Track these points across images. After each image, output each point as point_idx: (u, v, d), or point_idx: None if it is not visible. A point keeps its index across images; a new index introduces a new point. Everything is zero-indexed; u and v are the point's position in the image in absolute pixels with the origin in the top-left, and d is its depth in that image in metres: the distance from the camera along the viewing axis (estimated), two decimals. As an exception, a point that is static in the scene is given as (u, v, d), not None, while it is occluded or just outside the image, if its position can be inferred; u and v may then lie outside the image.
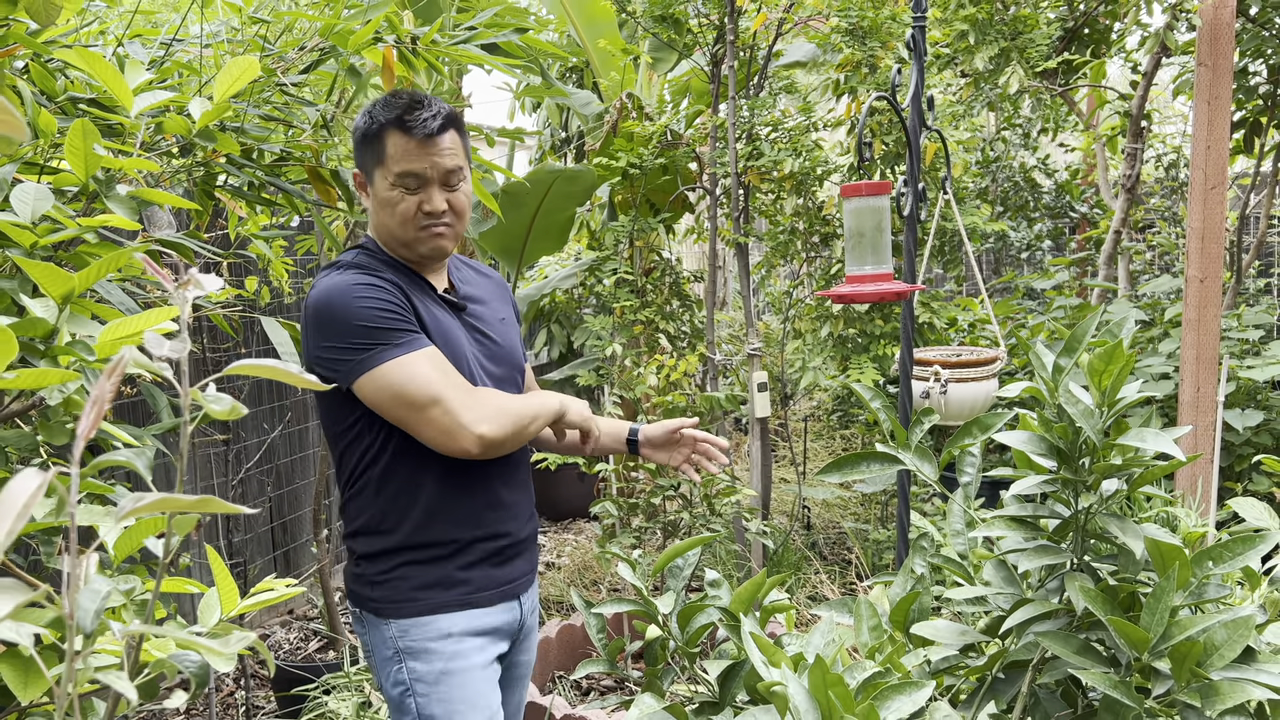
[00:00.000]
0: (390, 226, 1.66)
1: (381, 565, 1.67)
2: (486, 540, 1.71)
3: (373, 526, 1.68)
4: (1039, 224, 6.55)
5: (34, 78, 1.51)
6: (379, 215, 1.68)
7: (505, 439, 1.59)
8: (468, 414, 1.54)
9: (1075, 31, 4.84)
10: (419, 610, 1.65)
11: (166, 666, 0.67)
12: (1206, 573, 1.16)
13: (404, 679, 1.66)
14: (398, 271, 1.68)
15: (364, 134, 1.65)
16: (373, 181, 1.66)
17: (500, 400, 1.62)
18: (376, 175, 1.65)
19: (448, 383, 1.55)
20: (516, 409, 1.62)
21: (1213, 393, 3.65)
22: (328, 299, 1.58)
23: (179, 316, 0.72)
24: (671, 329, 4.16)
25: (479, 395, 1.59)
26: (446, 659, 1.65)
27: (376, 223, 1.70)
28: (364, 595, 1.70)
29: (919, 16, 2.16)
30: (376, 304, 1.56)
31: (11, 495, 0.42)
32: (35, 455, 1.16)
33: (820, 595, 3.90)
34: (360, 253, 1.70)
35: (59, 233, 1.18)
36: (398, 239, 1.68)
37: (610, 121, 4.35)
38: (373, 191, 1.67)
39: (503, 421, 1.58)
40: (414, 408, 1.54)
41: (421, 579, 1.66)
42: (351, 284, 1.58)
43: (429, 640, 1.65)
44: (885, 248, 2.03)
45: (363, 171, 1.69)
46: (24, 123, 0.48)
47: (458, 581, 1.68)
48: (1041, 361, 1.24)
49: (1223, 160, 3.56)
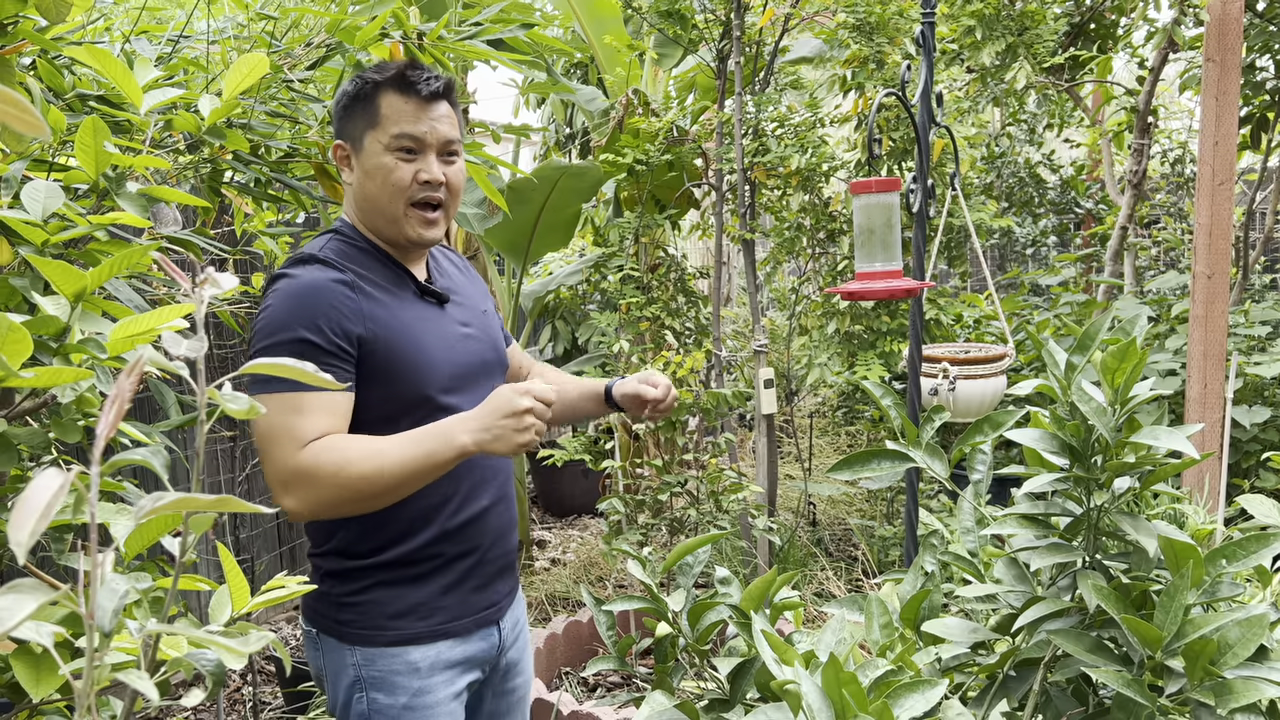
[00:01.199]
0: (379, 200, 1.53)
1: (351, 585, 1.54)
2: (466, 556, 1.60)
3: (346, 545, 1.55)
4: (1044, 220, 6.54)
5: (41, 74, 1.51)
6: (365, 187, 1.53)
7: (316, 508, 1.41)
8: (284, 474, 1.40)
9: (1082, 27, 4.83)
10: (389, 640, 1.53)
11: (184, 665, 0.66)
12: (1220, 571, 1.16)
13: (364, 709, 1.53)
14: (373, 262, 1.55)
15: (353, 96, 1.53)
16: (361, 148, 1.52)
17: (329, 463, 1.39)
18: (367, 140, 1.51)
19: (290, 436, 1.39)
20: (348, 475, 1.38)
21: (1220, 389, 3.64)
22: (282, 300, 1.46)
23: (190, 315, 0.72)
24: (677, 325, 4.16)
25: (313, 457, 1.39)
26: (411, 694, 1.53)
27: (360, 198, 1.55)
28: (327, 616, 1.56)
29: (928, 12, 2.15)
30: (315, 331, 1.43)
31: (34, 495, 0.42)
32: (47, 453, 1.16)
33: (826, 592, 3.90)
34: (334, 239, 1.56)
35: (69, 230, 1.18)
36: (384, 215, 1.54)
37: (616, 118, 4.34)
38: (359, 161, 1.53)
39: (312, 492, 1.39)
40: (258, 451, 1.44)
41: (396, 606, 1.53)
42: (310, 295, 1.45)
43: (395, 674, 1.53)
44: (895, 244, 2.02)
45: (347, 141, 1.55)
46: (43, 121, 0.48)
47: (434, 609, 1.56)
48: (1054, 359, 1.23)
49: (1231, 156, 3.55)
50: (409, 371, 1.51)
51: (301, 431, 1.40)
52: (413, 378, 1.52)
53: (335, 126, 1.58)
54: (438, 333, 1.58)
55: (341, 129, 1.56)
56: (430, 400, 1.53)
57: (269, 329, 1.45)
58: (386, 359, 1.49)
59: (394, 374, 1.50)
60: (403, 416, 1.50)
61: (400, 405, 1.51)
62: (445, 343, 1.58)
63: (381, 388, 1.50)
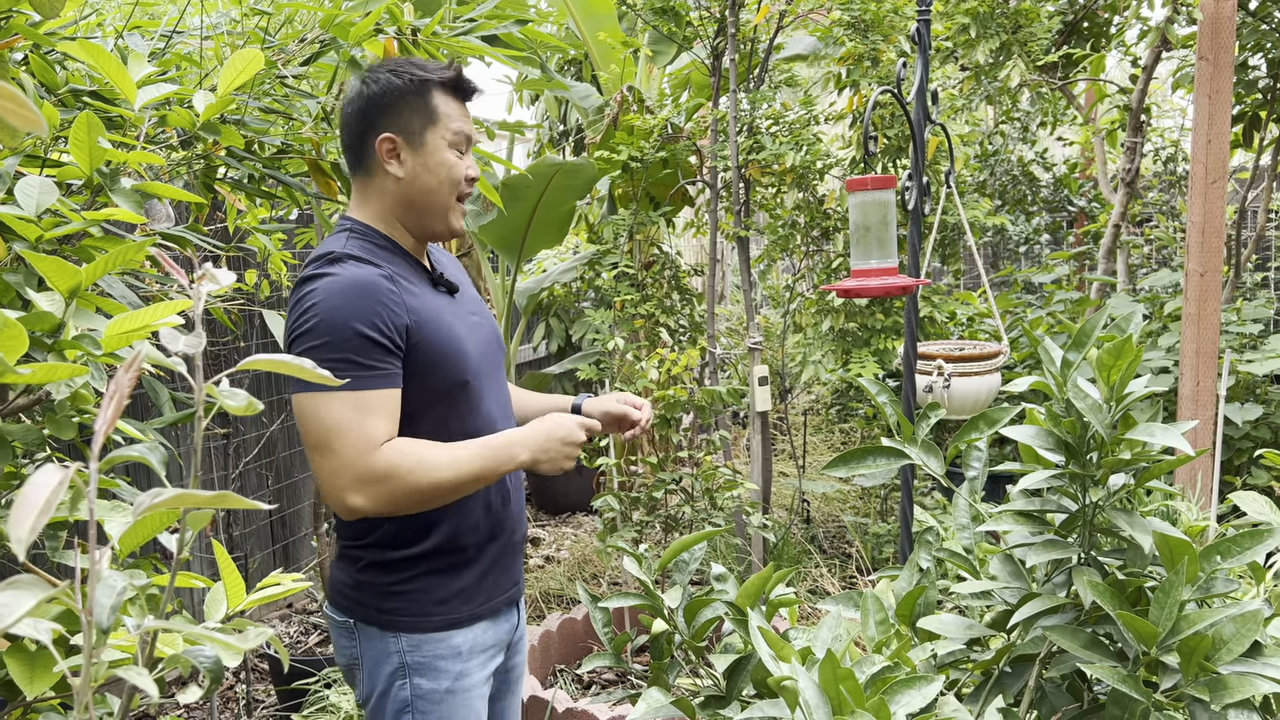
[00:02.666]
0: (437, 193, 1.57)
1: (398, 575, 1.58)
2: (498, 540, 1.66)
3: (392, 537, 1.58)
4: (1037, 218, 6.55)
5: (34, 70, 1.50)
6: (423, 180, 1.56)
7: (386, 508, 1.47)
8: (356, 473, 1.44)
9: (1075, 25, 4.84)
10: (436, 625, 1.59)
11: (181, 662, 0.66)
12: (1214, 567, 1.16)
13: (406, 696, 1.58)
14: (394, 257, 1.58)
15: (404, 91, 1.55)
16: (422, 142, 1.55)
17: (407, 469, 1.45)
18: (429, 135, 1.55)
19: (360, 436, 1.43)
20: (424, 482, 1.46)
21: (1213, 387, 3.66)
22: (331, 296, 1.46)
23: (186, 311, 0.72)
24: (672, 323, 4.16)
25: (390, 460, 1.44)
26: (453, 678, 1.60)
27: (413, 191, 1.57)
28: (368, 605, 1.59)
29: (924, 10, 2.16)
30: (370, 327, 1.45)
31: (33, 492, 0.42)
32: (41, 449, 1.15)
33: (821, 589, 3.90)
34: (352, 237, 1.57)
35: (63, 226, 1.17)
36: (436, 208, 1.58)
37: (610, 115, 4.33)
38: (415, 156, 1.56)
39: (385, 494, 1.44)
40: (310, 446, 1.45)
41: (441, 592, 1.59)
42: (360, 291, 1.46)
43: (439, 658, 1.59)
44: (890, 242, 2.02)
45: (399, 135, 1.55)
46: (39, 115, 0.48)
47: (475, 593, 1.63)
48: (1050, 356, 1.24)
49: (1223, 154, 3.56)
50: (447, 359, 1.55)
51: (372, 431, 1.44)
52: (451, 365, 1.56)
53: (376, 119, 1.56)
54: (462, 321, 1.63)
55: (390, 122, 1.56)
56: (465, 385, 1.59)
57: (322, 328, 1.44)
58: (428, 349, 1.53)
59: (434, 363, 1.54)
60: (435, 405, 1.56)
61: (435, 394, 1.55)
62: (468, 329, 1.64)
63: (421, 378, 1.53)
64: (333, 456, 1.43)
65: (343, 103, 1.62)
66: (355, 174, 1.62)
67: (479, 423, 1.61)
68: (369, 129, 1.56)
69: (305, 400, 1.44)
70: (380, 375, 1.46)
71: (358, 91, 1.58)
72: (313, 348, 1.44)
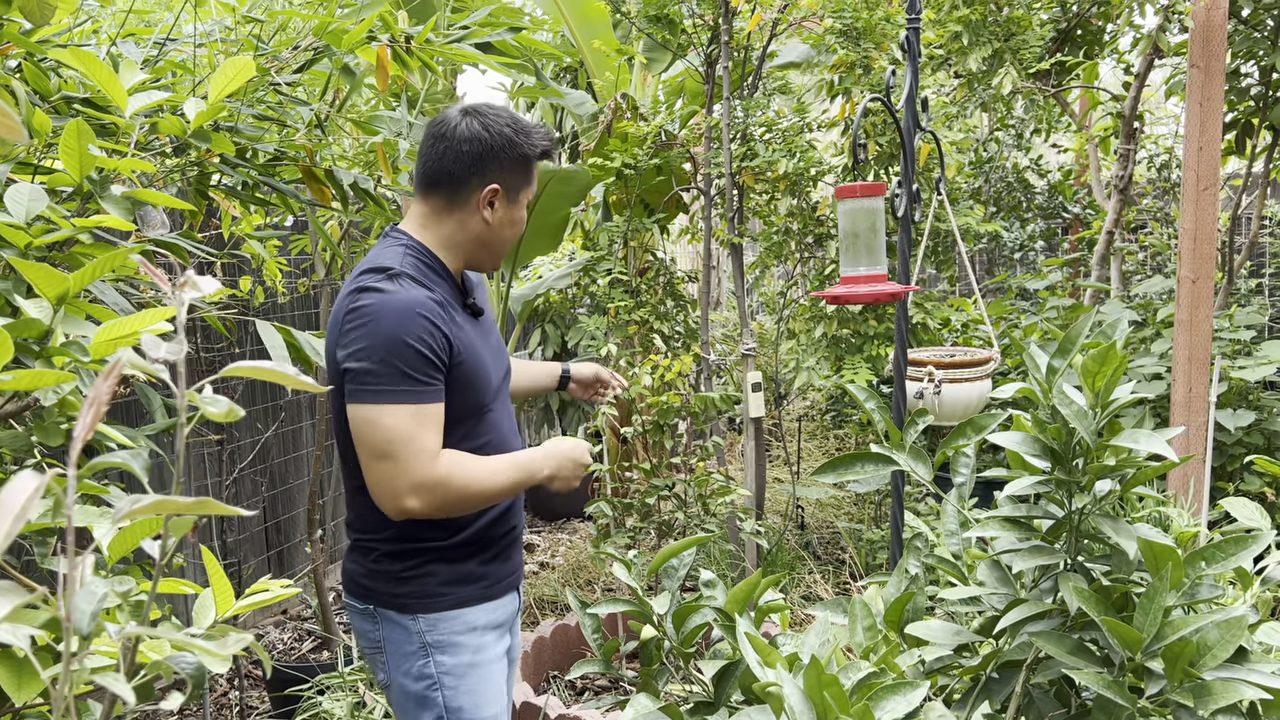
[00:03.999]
0: (505, 242, 1.75)
1: (409, 561, 1.70)
2: (507, 533, 1.81)
3: (413, 531, 1.69)
4: (1032, 224, 6.56)
5: (27, 77, 1.50)
6: (503, 232, 1.73)
7: (434, 512, 1.62)
8: (416, 480, 1.57)
9: (1068, 33, 4.86)
10: (448, 604, 1.71)
11: (163, 668, 0.66)
12: (1199, 573, 1.17)
13: (430, 672, 1.70)
14: (441, 279, 1.70)
15: (522, 155, 1.70)
16: (515, 200, 1.72)
17: (459, 478, 1.61)
18: (521, 195, 1.73)
19: (420, 447, 1.57)
20: (471, 491, 1.63)
21: (1205, 393, 3.67)
22: (389, 312, 1.57)
23: (174, 318, 0.72)
24: (666, 329, 4.16)
25: (447, 471, 1.60)
26: (473, 651, 1.73)
27: (487, 236, 1.72)
28: (384, 591, 1.72)
29: (913, 18, 2.17)
30: (424, 345, 1.57)
31: (9, 498, 0.42)
32: (29, 456, 1.15)
33: (814, 595, 3.90)
34: (408, 254, 1.68)
35: (53, 233, 1.18)
36: (497, 254, 1.76)
37: (605, 122, 4.34)
38: (506, 209, 1.72)
39: (438, 499, 1.60)
40: (370, 452, 1.58)
41: (448, 575, 1.71)
42: (416, 311, 1.58)
43: (456, 634, 1.71)
44: (880, 249, 2.03)
45: (505, 189, 1.70)
46: (21, 125, 0.48)
47: (479, 576, 1.75)
48: (1036, 363, 1.24)
49: (1215, 162, 3.57)
50: (475, 383, 1.69)
51: (429, 442, 1.58)
52: (477, 389, 1.70)
53: (490, 168, 1.68)
54: (486, 347, 1.77)
55: (498, 176, 1.70)
56: (484, 408, 1.74)
57: (380, 340, 1.56)
58: (463, 372, 1.66)
59: (465, 385, 1.67)
60: (457, 425, 1.67)
61: (458, 415, 1.67)
62: (492, 355, 1.78)
63: (453, 397, 1.65)
64: (393, 463, 1.56)
65: (452, 134, 1.69)
66: (433, 198, 1.72)
67: (491, 438, 1.76)
68: (480, 174, 1.68)
69: (368, 410, 1.57)
70: (433, 390, 1.59)
71: (476, 134, 1.68)
72: (368, 358, 1.56)
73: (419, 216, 1.73)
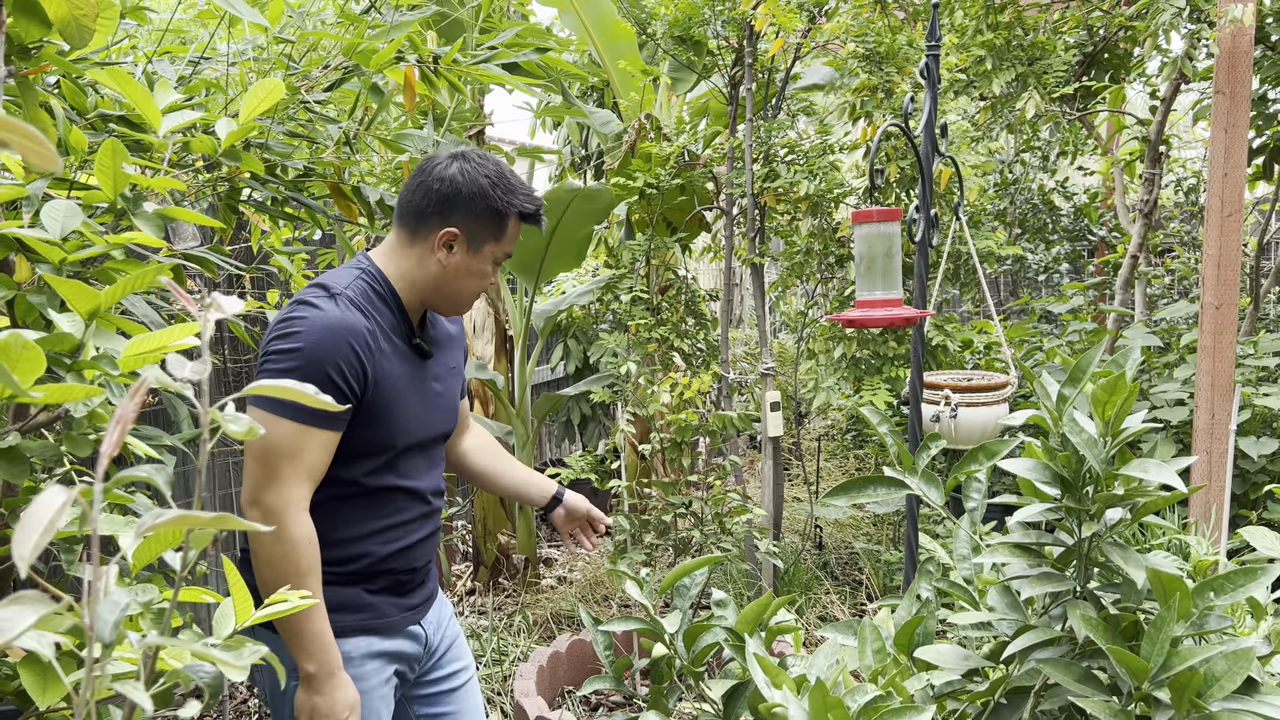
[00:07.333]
0: (463, 292, 1.70)
1: None
2: (407, 571, 1.75)
3: None
4: (1057, 246, 6.54)
5: (65, 94, 1.55)
6: (459, 281, 1.67)
7: (253, 540, 1.56)
8: (269, 503, 1.54)
9: (1094, 56, 4.85)
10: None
11: (181, 677, 0.69)
12: (1208, 603, 1.17)
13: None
14: (388, 310, 1.67)
15: (492, 209, 1.65)
16: (479, 251, 1.66)
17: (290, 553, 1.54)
18: (487, 247, 1.67)
19: (293, 472, 1.53)
20: (280, 569, 1.54)
21: (1227, 419, 3.64)
22: (316, 330, 1.55)
23: (201, 333, 0.75)
24: (686, 347, 4.18)
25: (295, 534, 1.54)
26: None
27: (440, 279, 1.67)
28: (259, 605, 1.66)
29: (933, 45, 2.18)
30: (338, 371, 1.55)
31: (38, 511, 0.45)
32: (59, 465, 1.19)
33: (830, 616, 3.89)
34: (360, 278, 1.66)
35: (87, 249, 1.21)
36: (450, 301, 1.71)
37: (629, 141, 4.38)
38: (466, 257, 1.66)
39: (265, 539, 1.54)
40: (255, 458, 1.54)
41: (329, 599, 1.63)
42: (342, 335, 1.56)
43: None
44: (896, 273, 2.04)
45: (464, 234, 1.65)
46: (55, 153, 0.51)
47: (363, 605, 1.69)
48: (1046, 391, 1.25)
49: (1239, 188, 3.56)
50: (387, 423, 1.65)
51: (306, 465, 1.55)
52: (388, 429, 1.65)
53: (453, 210, 1.64)
54: (418, 390, 1.71)
55: (461, 221, 1.65)
56: (393, 450, 1.68)
57: (298, 355, 1.54)
58: (374, 407, 1.62)
59: (374, 421, 1.63)
60: (363, 459, 1.65)
61: (366, 449, 1.64)
62: (421, 400, 1.73)
63: (357, 430, 1.61)
64: (261, 473, 1.53)
65: (431, 172, 1.67)
66: (401, 230, 1.70)
67: (395, 484, 1.70)
68: (443, 215, 1.65)
69: (262, 415, 1.54)
70: (329, 417, 1.56)
71: (451, 177, 1.64)
72: (284, 369, 1.54)
73: (388, 246, 1.71)
